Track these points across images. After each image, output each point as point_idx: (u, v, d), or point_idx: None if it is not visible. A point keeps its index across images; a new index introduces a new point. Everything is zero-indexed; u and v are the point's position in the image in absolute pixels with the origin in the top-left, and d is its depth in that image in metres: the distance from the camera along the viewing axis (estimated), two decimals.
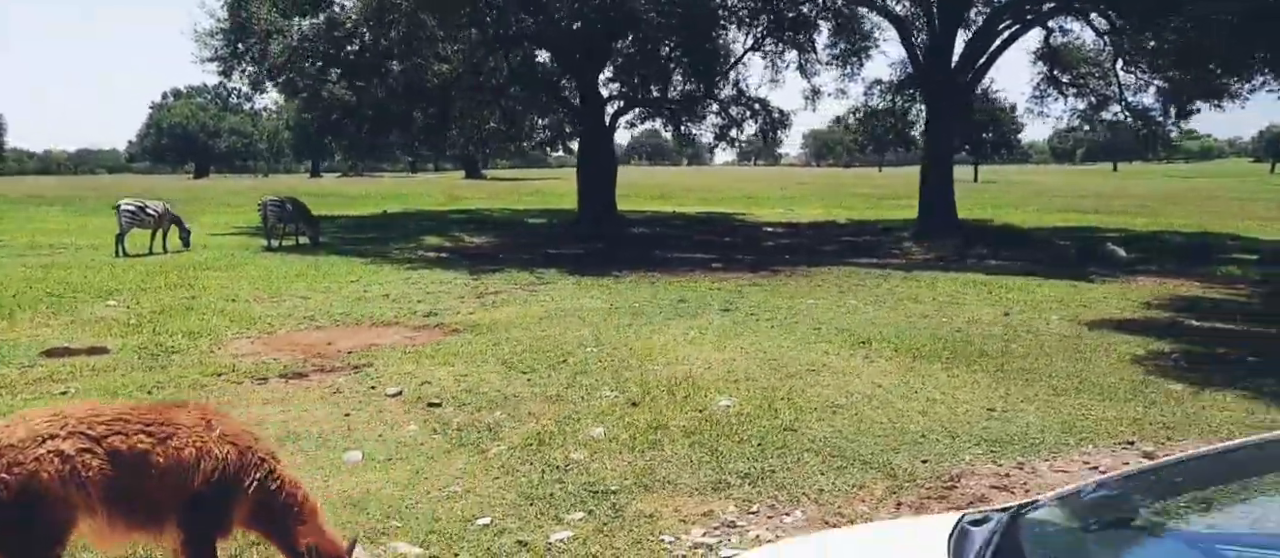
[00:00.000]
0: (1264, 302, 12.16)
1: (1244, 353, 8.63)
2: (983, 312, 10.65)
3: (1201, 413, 6.49)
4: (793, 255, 17.24)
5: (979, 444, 5.63)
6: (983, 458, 5.41)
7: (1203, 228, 24.20)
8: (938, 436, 5.74)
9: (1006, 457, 5.46)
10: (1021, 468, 5.24)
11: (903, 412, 6.24)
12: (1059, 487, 4.90)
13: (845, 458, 5.22)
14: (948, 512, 4.46)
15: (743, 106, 25.36)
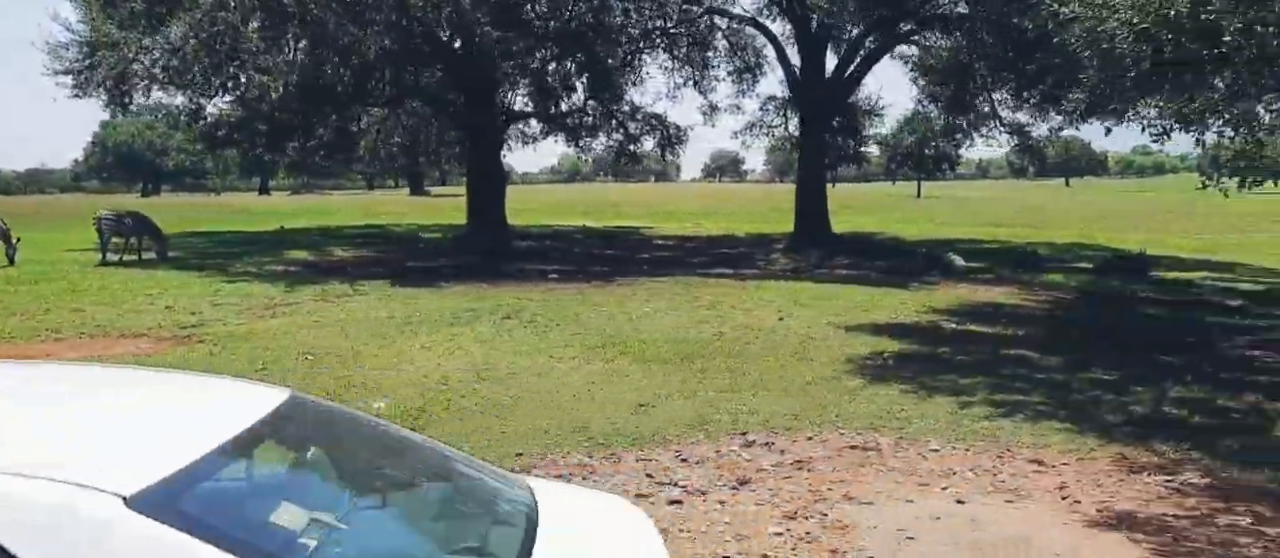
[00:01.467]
0: (1052, 307, 12.69)
1: (959, 353, 9.09)
2: (765, 317, 11.08)
3: (847, 406, 6.91)
4: (652, 266, 17.62)
5: (601, 438, 5.98)
6: (586, 449, 5.75)
7: (1084, 240, 24.90)
8: (561, 432, 6.10)
9: (616, 447, 5.81)
10: (610, 459, 5.58)
11: (554, 411, 6.61)
12: (623, 475, 5.27)
13: None
14: None
15: (640, 123, 25.77)
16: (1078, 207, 48.14)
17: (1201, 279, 16.06)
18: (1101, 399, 7.29)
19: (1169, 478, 5.45)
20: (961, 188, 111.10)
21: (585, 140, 26.49)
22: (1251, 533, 4.62)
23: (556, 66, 24.26)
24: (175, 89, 20.96)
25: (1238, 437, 6.27)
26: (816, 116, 21.17)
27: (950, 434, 6.26)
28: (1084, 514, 4.84)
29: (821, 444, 6.02)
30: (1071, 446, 6.04)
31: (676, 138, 25.93)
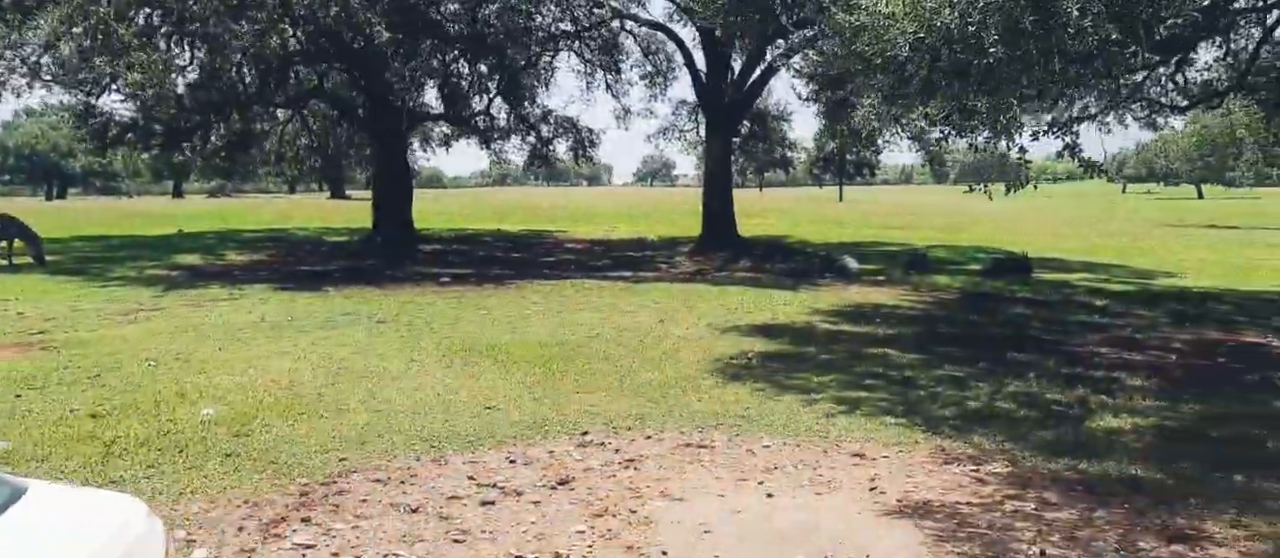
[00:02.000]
0: (929, 307, 13.14)
1: (823, 352, 9.35)
2: (647, 320, 11.20)
3: (695, 405, 7.05)
4: (553, 270, 17.64)
5: (434, 441, 5.97)
6: (416, 452, 5.74)
7: (983, 243, 25.82)
8: (396, 435, 6.08)
9: (447, 449, 5.81)
10: (437, 462, 5.58)
11: (396, 414, 6.57)
12: (445, 477, 5.27)
13: (257, 460, 5.48)
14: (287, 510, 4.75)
15: (552, 126, 25.77)
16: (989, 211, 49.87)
17: (1077, 280, 16.83)
18: (941, 395, 7.60)
19: (975, 468, 5.72)
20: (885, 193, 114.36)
21: (497, 144, 26.38)
22: (1031, 518, 4.88)
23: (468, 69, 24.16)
24: (61, 87, 20.17)
25: (1055, 428, 6.62)
26: (723, 121, 21.47)
27: (786, 431, 6.45)
28: (882, 504, 5.05)
29: (658, 443, 6.13)
30: (898, 439, 6.29)
31: (590, 141, 26.02)
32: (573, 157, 26.66)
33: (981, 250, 22.60)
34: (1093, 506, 5.08)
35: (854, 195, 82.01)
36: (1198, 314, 12.64)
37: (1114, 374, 8.63)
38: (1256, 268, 20.24)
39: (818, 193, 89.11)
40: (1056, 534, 4.68)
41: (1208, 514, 4.91)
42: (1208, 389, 8.02)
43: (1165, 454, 5.99)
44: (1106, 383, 8.18)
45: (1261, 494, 5.26)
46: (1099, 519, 4.88)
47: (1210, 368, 9.13)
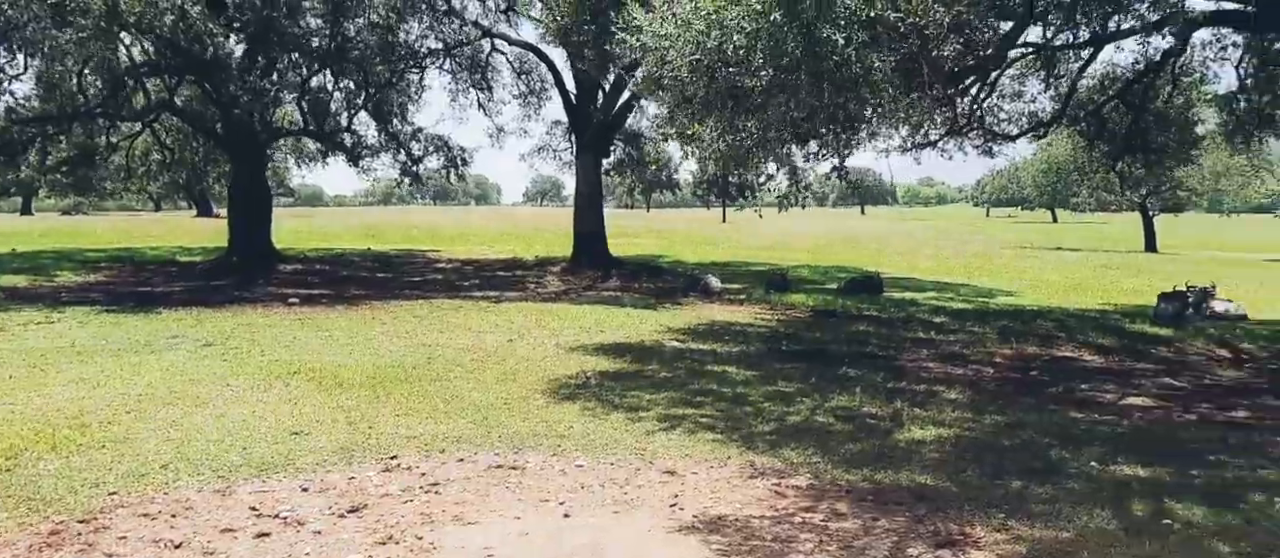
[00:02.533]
0: (779, 326, 13.51)
1: (664, 370, 9.45)
2: (496, 340, 11.05)
3: (518, 425, 6.97)
4: (416, 290, 17.24)
5: (223, 470, 5.66)
6: (200, 483, 5.42)
7: (846, 263, 26.86)
8: (182, 464, 5.75)
9: (236, 479, 5.51)
10: (221, 493, 5.29)
11: (191, 442, 6.21)
12: (224, 509, 4.98)
13: (12, 497, 5.08)
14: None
15: (423, 144, 25.30)
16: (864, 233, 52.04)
17: (924, 299, 17.71)
18: (766, 410, 7.79)
19: (778, 482, 5.87)
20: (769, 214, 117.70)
21: (366, 161, 25.67)
22: (816, 529, 5.04)
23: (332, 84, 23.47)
24: None
25: (864, 441, 6.88)
26: (593, 142, 21.58)
27: (604, 449, 6.46)
28: (678, 521, 5.11)
29: (469, 466, 6.03)
30: (711, 455, 6.39)
31: (462, 159, 25.67)
32: (444, 175, 26.22)
33: (843, 270, 23.50)
34: (877, 515, 5.29)
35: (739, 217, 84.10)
36: (1023, 330, 13.49)
37: (934, 388, 9.08)
38: (1087, 287, 21.85)
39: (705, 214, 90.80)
40: (835, 543, 4.84)
41: (978, 520, 5.19)
42: (1013, 401, 8.55)
43: (957, 464, 6.32)
44: (925, 396, 8.60)
45: (1032, 499, 5.61)
46: (879, 528, 5.08)
47: (1021, 381, 9.73)
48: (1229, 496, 5.73)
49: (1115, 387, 9.41)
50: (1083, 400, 8.70)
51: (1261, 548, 4.84)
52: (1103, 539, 4.93)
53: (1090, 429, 7.46)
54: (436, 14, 21.78)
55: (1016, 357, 11.29)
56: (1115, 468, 6.32)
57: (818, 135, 7.20)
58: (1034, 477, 6.04)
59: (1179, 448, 6.91)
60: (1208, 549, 4.83)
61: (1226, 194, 44.10)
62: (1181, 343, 12.72)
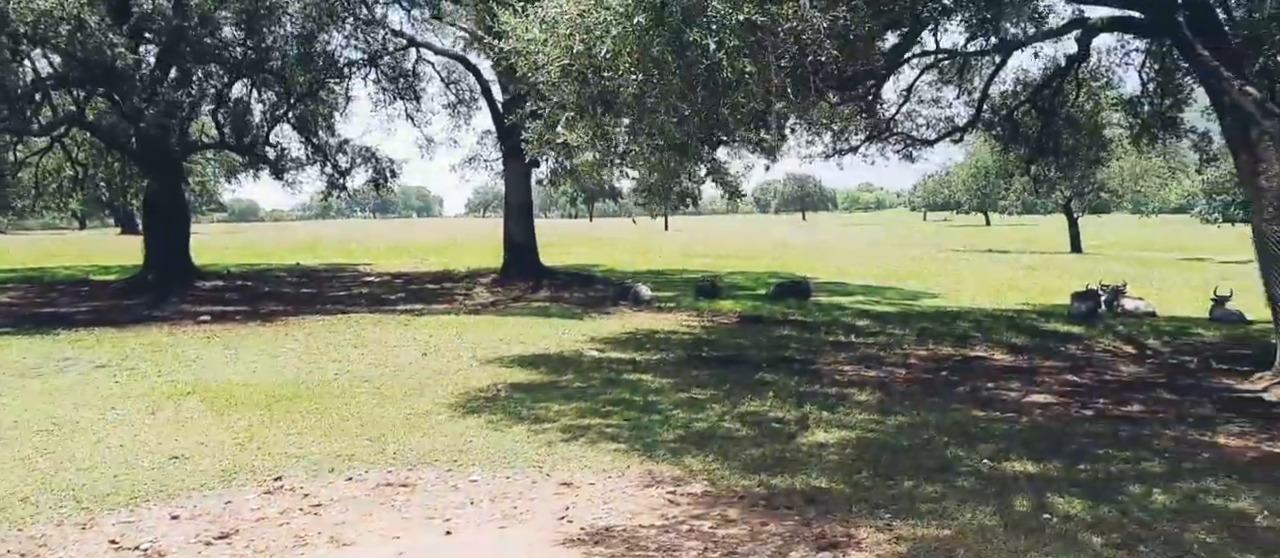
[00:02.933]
0: (704, 332, 13.53)
1: (579, 380, 9.37)
2: (408, 354, 10.85)
3: (416, 441, 6.82)
4: (340, 304, 16.87)
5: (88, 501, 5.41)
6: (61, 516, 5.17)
7: (779, 268, 27.12)
8: (44, 495, 5.50)
9: (101, 510, 5.26)
10: (82, 525, 5.05)
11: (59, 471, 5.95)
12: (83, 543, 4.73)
13: None
14: None
15: (350, 156, 24.82)
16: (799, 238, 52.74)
17: (850, 303, 17.95)
18: (675, 418, 7.76)
19: (674, 490, 5.83)
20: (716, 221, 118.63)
21: (291, 175, 25.09)
22: (703, 536, 5.01)
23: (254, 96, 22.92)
24: None
25: (766, 445, 6.88)
26: (521, 152, 21.40)
27: (502, 463, 6.35)
28: (565, 534, 5.03)
29: (358, 485, 5.86)
30: (611, 466, 6.33)
31: (391, 171, 25.23)
32: (374, 188, 25.73)
33: (776, 276, 23.71)
34: (767, 520, 5.28)
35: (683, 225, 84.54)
36: (942, 332, 13.74)
37: (846, 391, 9.17)
38: (1010, 288, 22.42)
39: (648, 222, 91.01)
40: (719, 550, 4.82)
41: (864, 521, 5.23)
42: (920, 401, 8.67)
43: (854, 466, 6.36)
44: (835, 399, 8.67)
45: (920, 498, 5.67)
46: (766, 533, 5.07)
47: (931, 381, 9.89)
48: (1110, 488, 5.88)
49: (1020, 385, 9.62)
50: (987, 399, 8.88)
51: (1130, 539, 4.96)
52: (981, 535, 4.99)
53: (989, 427, 7.60)
54: (359, 23, 21.41)
55: (930, 358, 11.48)
56: (1006, 465, 6.44)
57: (694, 141, 7.17)
58: (927, 476, 6.11)
59: (1071, 443, 7.08)
60: (1080, 542, 4.93)
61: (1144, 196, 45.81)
62: (1090, 341, 13.10)
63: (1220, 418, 7.98)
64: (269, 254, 33.42)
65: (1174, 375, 10.27)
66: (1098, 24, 11.85)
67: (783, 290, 18.50)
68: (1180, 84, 14.17)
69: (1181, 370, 10.66)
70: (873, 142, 17.06)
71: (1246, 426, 7.68)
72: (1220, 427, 7.65)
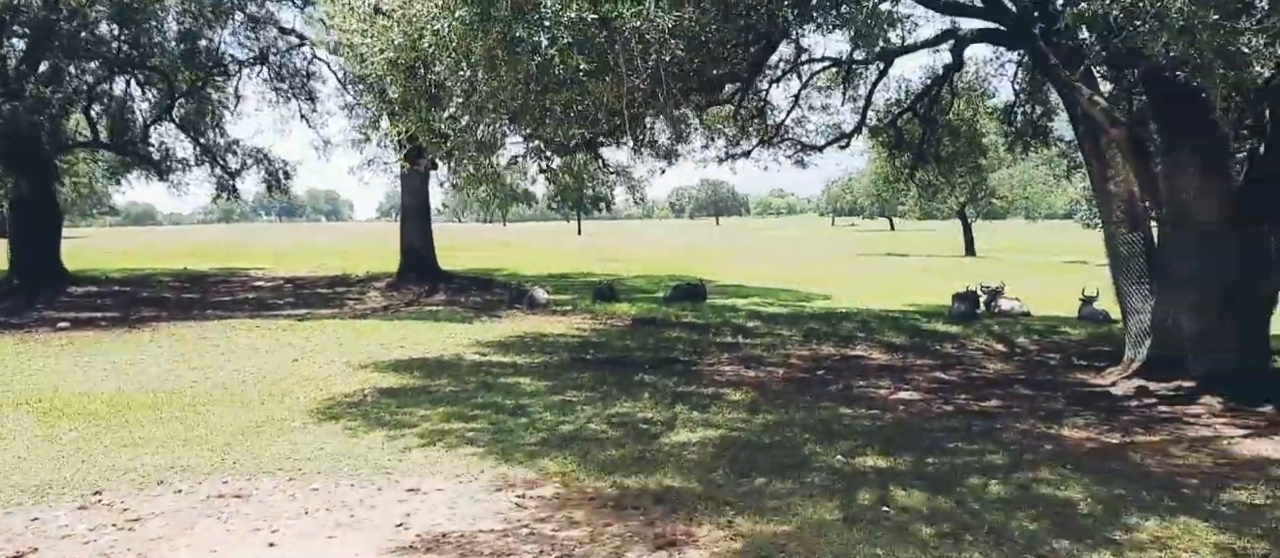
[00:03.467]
0: (594, 335, 13.46)
1: (452, 384, 9.17)
2: (280, 360, 10.43)
3: (264, 449, 6.52)
4: (222, 309, 16.16)
5: None
6: None
7: (682, 272, 27.31)
8: None
9: None
10: None
11: None
12: None
13: None
14: None
15: (240, 157, 23.87)
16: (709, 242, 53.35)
17: (743, 304, 18.20)
18: (542, 421, 7.65)
19: (523, 494, 5.73)
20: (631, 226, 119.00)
21: (177, 176, 23.95)
22: (543, 539, 4.92)
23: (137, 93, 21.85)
24: None
25: (629, 446, 6.85)
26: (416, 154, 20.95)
27: (350, 470, 6.13)
28: (395, 542, 4.87)
29: (187, 497, 5.55)
30: (464, 470, 6.18)
31: (285, 173, 24.36)
32: (266, 189, 24.80)
33: (678, 279, 23.88)
34: (611, 521, 5.23)
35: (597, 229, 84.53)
36: (828, 332, 14.05)
37: (721, 390, 9.23)
38: (901, 290, 23.14)
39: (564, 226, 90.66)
40: (556, 553, 4.74)
41: (707, 519, 5.23)
42: (792, 400, 8.79)
43: (711, 464, 6.38)
44: (710, 399, 8.71)
45: (769, 495, 5.72)
46: (608, 534, 5.02)
47: (807, 380, 10.06)
48: (952, 480, 6.06)
49: (890, 383, 9.88)
50: (856, 397, 9.08)
51: (959, 528, 5.11)
52: (817, 530, 5.06)
53: (852, 424, 7.76)
54: (247, 19, 20.62)
55: (811, 358, 11.70)
56: (860, 460, 6.57)
57: (553, 140, 7.11)
58: (781, 473, 6.18)
59: (925, 438, 7.29)
60: (911, 532, 5.04)
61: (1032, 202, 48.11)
62: (965, 339, 13.60)
63: (1068, 412, 8.36)
64: (158, 259, 31.85)
65: (1034, 372, 10.73)
66: (968, 35, 12.32)
67: (679, 293, 18.62)
68: (1047, 94, 14.92)
69: (1043, 367, 11.15)
70: (766, 146, 17.39)
71: (1091, 418, 8.06)
72: (1067, 420, 8.00)
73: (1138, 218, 9.71)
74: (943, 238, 61.20)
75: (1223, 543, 4.83)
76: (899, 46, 14.06)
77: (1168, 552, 4.75)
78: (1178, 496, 5.71)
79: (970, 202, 44.60)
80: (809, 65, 14.99)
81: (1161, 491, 5.81)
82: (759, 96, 16.01)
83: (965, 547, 4.85)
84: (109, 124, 21.73)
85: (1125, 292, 9.80)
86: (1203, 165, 8.64)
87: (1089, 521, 5.27)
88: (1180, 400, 8.51)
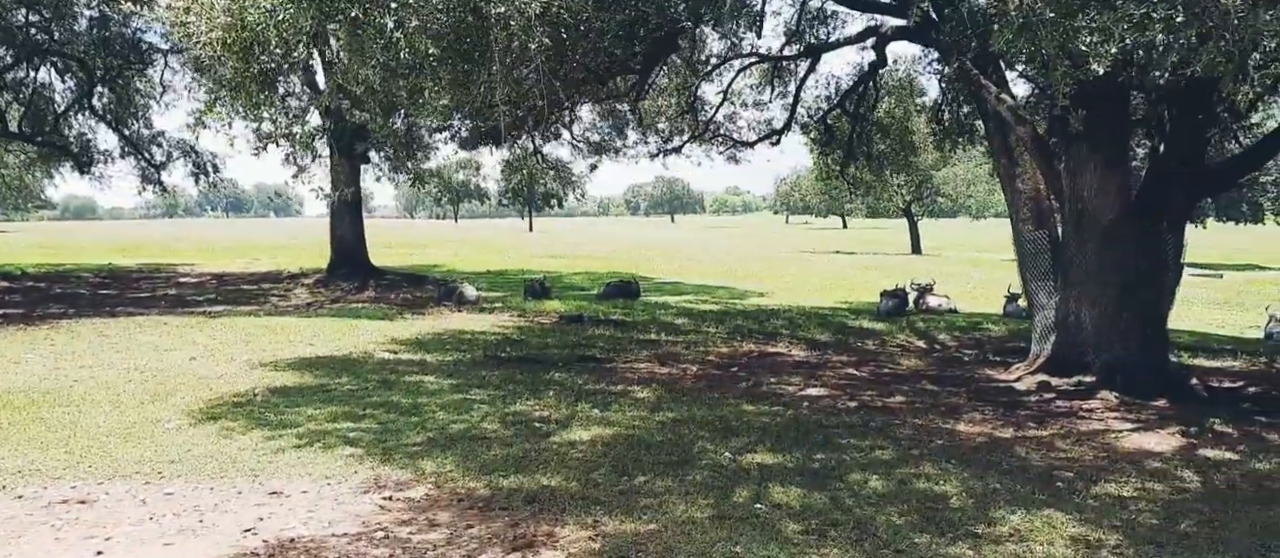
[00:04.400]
0: (516, 333, 13.25)
1: (352, 383, 8.91)
2: (176, 359, 10.06)
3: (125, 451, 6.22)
4: (137, 305, 15.62)
5: None
6: None
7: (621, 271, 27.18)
8: None
9: None
10: None
11: None
12: None
13: None
14: None
15: (165, 149, 23.20)
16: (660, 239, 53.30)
17: (677, 301, 18.13)
18: (433, 420, 7.44)
19: (392, 495, 5.53)
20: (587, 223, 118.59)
21: (99, 168, 23.19)
22: (397, 542, 4.74)
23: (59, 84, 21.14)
24: None
25: (517, 445, 6.67)
26: (347, 146, 20.52)
27: (213, 474, 5.87)
28: (239, 548, 4.65)
29: (27, 503, 5.26)
30: (337, 472, 5.96)
31: (212, 166, 23.73)
32: (194, 181, 24.14)
33: (617, 276, 23.76)
34: (474, 522, 5.07)
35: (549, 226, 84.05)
36: (753, 328, 14.02)
37: (630, 388, 9.09)
38: (841, 287, 23.30)
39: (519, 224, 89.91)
40: (406, 556, 4.56)
41: (573, 519, 5.09)
42: (699, 397, 8.69)
43: (595, 463, 6.24)
44: (615, 397, 8.57)
45: (645, 493, 5.60)
46: (466, 536, 4.86)
47: (720, 377, 9.97)
48: (833, 477, 6.00)
49: (801, 379, 9.84)
50: (764, 394, 9.01)
51: (826, 524, 5.04)
52: (683, 528, 4.95)
53: (752, 421, 7.67)
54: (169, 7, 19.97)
55: (730, 354, 11.63)
56: (750, 457, 6.49)
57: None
58: (664, 471, 6.07)
59: (820, 434, 7.23)
60: (778, 529, 4.96)
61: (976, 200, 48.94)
62: (888, 336, 13.67)
63: (969, 406, 8.39)
64: (86, 254, 30.83)
65: (946, 368, 10.79)
66: (888, 32, 12.37)
67: (613, 290, 18.49)
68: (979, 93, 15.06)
69: (957, 363, 11.23)
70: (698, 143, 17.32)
71: (989, 413, 8.10)
72: (965, 415, 8.02)
73: (1044, 215, 9.81)
74: (892, 236, 61.98)
75: (1079, 536, 4.83)
76: (824, 42, 14.11)
77: (1024, 544, 4.73)
78: (1050, 489, 5.73)
79: (916, 200, 45.23)
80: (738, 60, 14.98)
81: (1036, 484, 5.82)
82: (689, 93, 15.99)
83: (828, 543, 4.79)
84: (22, 113, 20.95)
85: (1032, 288, 9.90)
86: (1102, 163, 8.74)
87: (957, 514, 5.24)
88: (1079, 395, 8.60)
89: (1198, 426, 7.43)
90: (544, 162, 24.38)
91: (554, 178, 25.73)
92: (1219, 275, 31.88)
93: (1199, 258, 42.47)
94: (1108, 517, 5.13)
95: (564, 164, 25.12)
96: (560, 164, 25.18)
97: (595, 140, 18.63)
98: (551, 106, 6.23)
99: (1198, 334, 13.97)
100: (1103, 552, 4.63)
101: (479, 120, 7.30)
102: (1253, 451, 6.67)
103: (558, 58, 5.47)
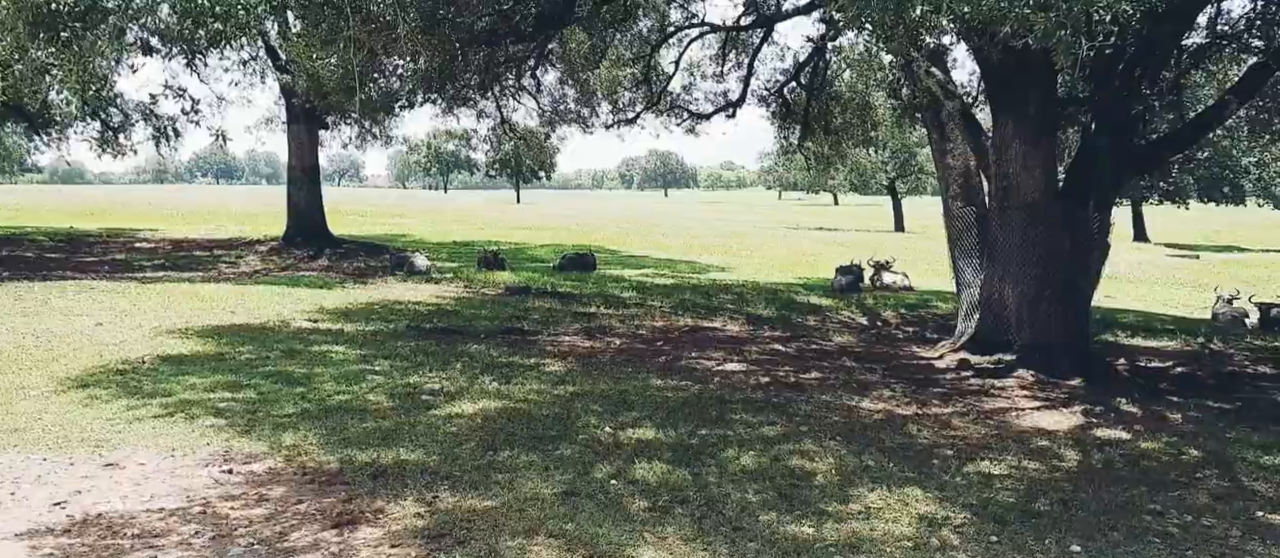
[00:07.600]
0: (454, 304, 13.00)
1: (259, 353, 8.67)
2: (84, 324, 9.83)
3: None
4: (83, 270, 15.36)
5: None
6: None
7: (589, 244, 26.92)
8: None
9: None
10: None
11: None
12: None
13: None
14: None
15: (122, 111, 22.78)
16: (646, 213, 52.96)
17: (631, 275, 17.88)
18: (318, 392, 7.18)
19: (232, 469, 5.30)
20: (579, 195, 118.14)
21: (54, 130, 22.81)
22: (209, 519, 4.51)
23: None
24: None
25: (393, 419, 6.43)
26: (305, 113, 20.15)
27: (49, 445, 5.62)
28: (37, 523, 4.42)
29: None
30: (185, 444, 5.71)
31: (172, 130, 23.31)
32: (154, 145, 23.74)
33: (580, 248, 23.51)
34: (306, 498, 4.85)
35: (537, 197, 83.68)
36: (699, 303, 13.78)
37: (544, 361, 8.85)
38: (810, 263, 23.07)
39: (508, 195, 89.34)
40: (212, 532, 4.34)
41: (412, 495, 4.87)
42: (610, 371, 8.45)
43: (465, 438, 6.01)
44: (524, 370, 8.33)
45: (503, 469, 5.38)
46: (289, 512, 4.63)
47: (643, 351, 9.74)
48: (708, 454, 5.78)
49: (723, 354, 9.62)
50: (679, 369, 8.78)
51: (674, 502, 4.83)
52: (522, 505, 4.74)
53: (654, 396, 7.43)
54: None
55: (664, 328, 11.40)
56: (629, 433, 6.26)
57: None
58: (533, 446, 5.85)
59: (717, 410, 7.01)
60: (622, 507, 4.75)
61: None
62: (833, 312, 13.45)
63: (880, 383, 8.18)
64: (49, 218, 30.49)
65: (875, 345, 10.58)
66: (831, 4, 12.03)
67: (568, 263, 18.25)
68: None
69: (889, 341, 11.02)
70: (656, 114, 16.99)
71: (898, 391, 7.88)
72: (873, 392, 7.81)
73: (973, 191, 9.56)
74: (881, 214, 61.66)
75: (927, 514, 4.63)
76: (775, 11, 13.77)
77: (868, 522, 4.53)
78: (924, 467, 5.52)
79: (900, 177, 44.92)
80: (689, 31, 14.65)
81: (910, 461, 5.61)
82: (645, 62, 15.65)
83: (668, 520, 4.58)
84: None
85: (959, 266, 9.67)
86: (1026, 139, 8.47)
87: (815, 492, 5.03)
88: (995, 374, 8.39)
89: (1104, 405, 7.22)
90: (513, 132, 24.03)
91: (524, 148, 25.40)
92: (1196, 257, 31.69)
93: (1179, 239, 42.32)
94: (965, 495, 4.92)
95: (531, 131, 24.76)
96: (527, 133, 24.82)
97: (564, 110, 18.33)
98: (441, 73, 5.91)
99: (1144, 314, 13.78)
100: (944, 530, 4.42)
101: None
102: (1148, 430, 6.47)
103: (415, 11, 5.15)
